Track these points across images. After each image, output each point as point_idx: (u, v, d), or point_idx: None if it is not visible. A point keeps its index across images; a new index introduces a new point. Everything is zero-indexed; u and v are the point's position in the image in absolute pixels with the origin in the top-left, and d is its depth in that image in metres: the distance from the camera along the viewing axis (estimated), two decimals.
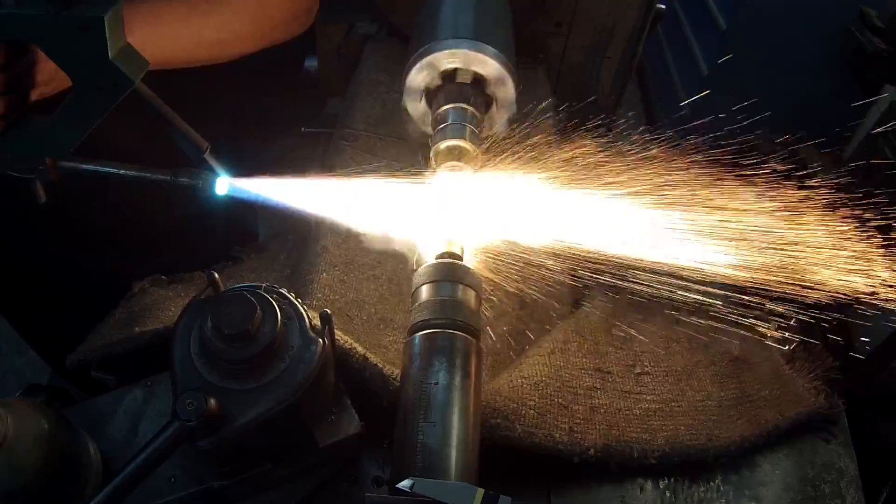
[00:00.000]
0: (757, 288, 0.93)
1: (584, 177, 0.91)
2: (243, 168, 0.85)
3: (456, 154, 0.95)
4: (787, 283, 0.90)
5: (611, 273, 0.93)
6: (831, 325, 0.98)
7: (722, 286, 0.95)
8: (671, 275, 0.92)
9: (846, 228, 0.91)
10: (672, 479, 0.92)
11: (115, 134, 0.89)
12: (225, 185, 0.84)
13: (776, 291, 0.91)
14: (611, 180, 0.91)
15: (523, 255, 0.92)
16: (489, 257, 0.92)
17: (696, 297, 0.95)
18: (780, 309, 0.96)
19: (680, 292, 0.96)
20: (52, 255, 1.31)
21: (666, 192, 0.91)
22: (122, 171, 0.83)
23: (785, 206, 0.93)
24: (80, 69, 0.70)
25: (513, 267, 0.93)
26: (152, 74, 0.76)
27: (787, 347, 1.06)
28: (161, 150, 0.83)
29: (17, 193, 0.87)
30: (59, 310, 1.39)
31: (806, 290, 0.90)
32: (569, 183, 0.90)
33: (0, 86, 0.76)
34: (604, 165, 0.93)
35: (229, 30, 1.10)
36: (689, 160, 0.95)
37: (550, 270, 0.94)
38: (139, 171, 0.83)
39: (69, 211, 1.19)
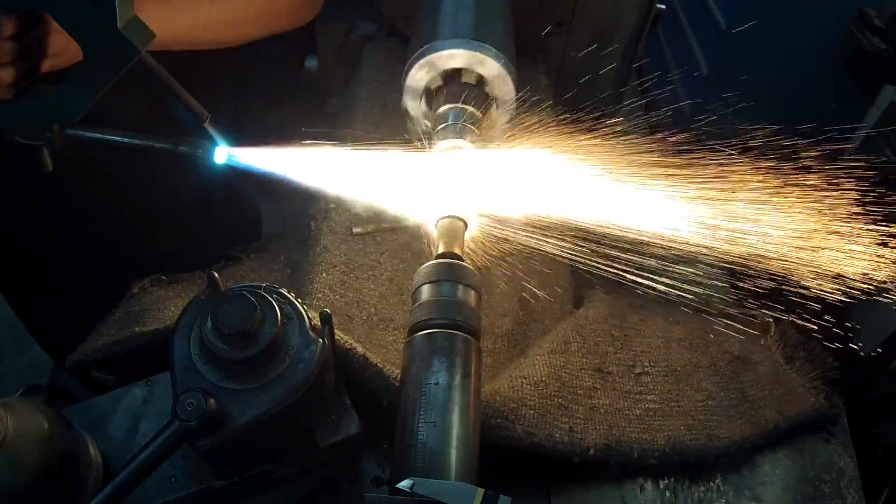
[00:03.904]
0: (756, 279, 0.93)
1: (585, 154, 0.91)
2: (243, 139, 0.86)
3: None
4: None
5: (609, 250, 0.93)
6: (831, 326, 0.98)
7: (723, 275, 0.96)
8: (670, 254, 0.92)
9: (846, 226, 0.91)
10: (672, 479, 0.92)
11: (120, 111, 0.90)
12: (224, 153, 0.86)
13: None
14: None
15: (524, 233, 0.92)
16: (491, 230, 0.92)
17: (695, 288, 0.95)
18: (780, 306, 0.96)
19: (679, 288, 0.96)
20: (56, 238, 1.32)
21: (665, 175, 0.92)
22: (125, 140, 0.85)
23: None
24: (90, 38, 0.72)
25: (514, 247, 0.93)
26: (156, 56, 0.77)
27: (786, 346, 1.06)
28: (164, 127, 0.85)
29: (22, 172, 0.88)
30: (61, 296, 1.40)
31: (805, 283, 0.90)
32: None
33: (12, 54, 0.77)
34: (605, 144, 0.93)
35: (237, 13, 1.11)
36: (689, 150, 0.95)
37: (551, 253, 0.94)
38: (142, 140, 0.86)
39: (72, 192, 1.20)
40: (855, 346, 1.00)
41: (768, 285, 0.96)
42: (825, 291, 0.92)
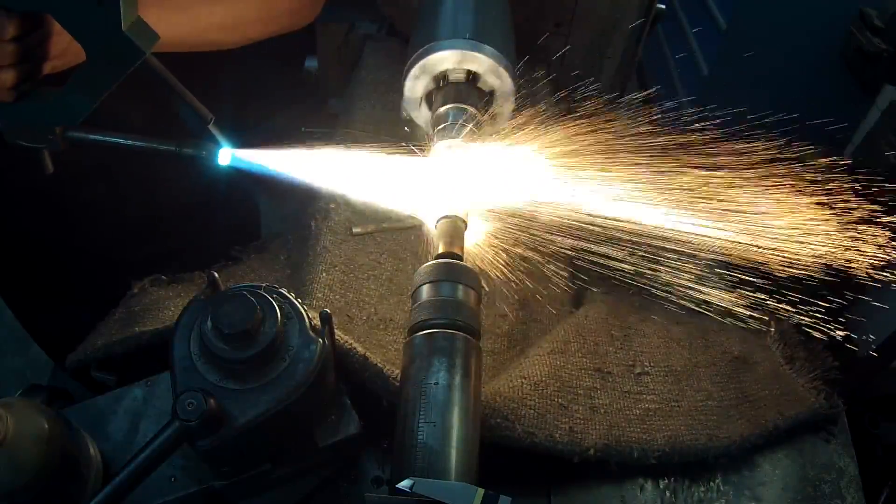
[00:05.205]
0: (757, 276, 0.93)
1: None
2: (246, 141, 0.87)
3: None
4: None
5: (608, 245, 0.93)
6: (831, 325, 0.98)
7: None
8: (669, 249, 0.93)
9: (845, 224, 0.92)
10: (672, 479, 0.92)
11: (123, 112, 0.90)
12: (228, 155, 0.86)
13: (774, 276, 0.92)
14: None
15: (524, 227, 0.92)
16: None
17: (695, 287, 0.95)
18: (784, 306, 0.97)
19: (679, 286, 0.96)
20: (57, 240, 1.32)
21: (663, 172, 0.92)
22: (128, 142, 0.85)
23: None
24: (93, 40, 0.72)
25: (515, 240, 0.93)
26: (158, 58, 0.77)
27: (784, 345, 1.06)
28: (166, 131, 0.85)
29: (24, 174, 0.88)
30: (62, 296, 1.40)
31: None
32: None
33: (14, 56, 0.77)
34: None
35: (237, 15, 1.11)
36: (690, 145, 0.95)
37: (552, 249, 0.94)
38: (145, 142, 0.85)
39: (73, 193, 1.20)
40: (854, 347, 1.00)
41: (768, 285, 0.96)
42: (825, 290, 0.92)
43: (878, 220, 0.93)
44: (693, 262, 0.96)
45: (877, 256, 0.91)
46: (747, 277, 0.97)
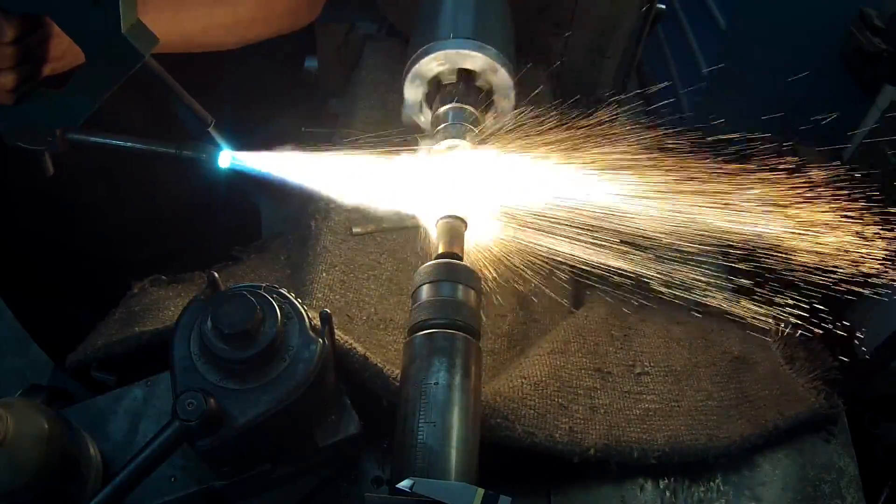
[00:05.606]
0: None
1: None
2: (246, 143, 0.87)
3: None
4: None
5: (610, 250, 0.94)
6: (831, 325, 0.98)
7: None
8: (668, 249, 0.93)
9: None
10: (672, 479, 0.92)
11: (123, 114, 0.89)
12: (228, 158, 0.86)
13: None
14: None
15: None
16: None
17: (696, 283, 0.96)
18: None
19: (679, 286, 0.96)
20: (58, 241, 1.32)
21: (661, 171, 0.92)
22: (128, 144, 0.85)
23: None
24: (92, 42, 0.72)
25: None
26: (158, 60, 0.77)
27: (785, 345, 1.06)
28: (166, 132, 0.85)
29: (24, 176, 0.88)
30: (62, 297, 1.40)
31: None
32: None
33: (13, 58, 0.76)
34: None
35: (237, 16, 1.11)
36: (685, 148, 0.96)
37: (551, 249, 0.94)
38: (145, 144, 0.85)
39: (74, 194, 1.20)
40: (854, 347, 1.00)
41: (768, 285, 0.96)
42: (825, 290, 0.93)
43: (878, 219, 0.93)
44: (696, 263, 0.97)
45: (877, 256, 0.92)
46: (748, 278, 0.97)
